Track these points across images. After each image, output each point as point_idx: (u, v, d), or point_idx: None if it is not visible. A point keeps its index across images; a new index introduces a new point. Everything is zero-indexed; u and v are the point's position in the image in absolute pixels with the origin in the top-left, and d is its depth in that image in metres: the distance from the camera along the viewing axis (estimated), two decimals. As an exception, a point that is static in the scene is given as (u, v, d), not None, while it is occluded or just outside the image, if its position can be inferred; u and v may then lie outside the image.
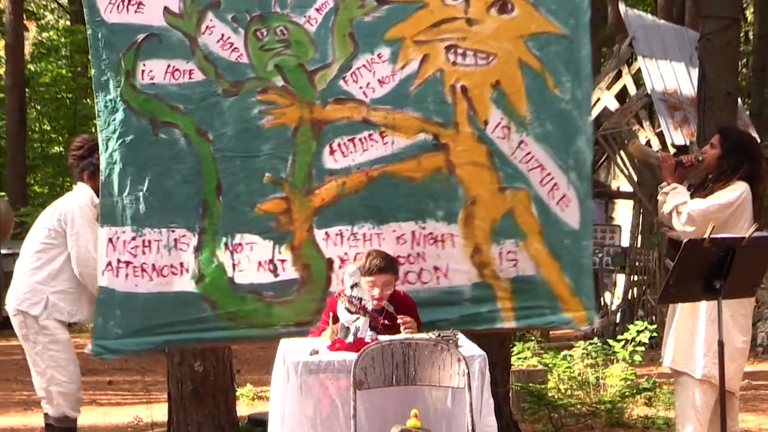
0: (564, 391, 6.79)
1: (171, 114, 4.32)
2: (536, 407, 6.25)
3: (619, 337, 7.41)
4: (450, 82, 4.46)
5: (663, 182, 4.65)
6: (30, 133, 19.66)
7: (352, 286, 3.90)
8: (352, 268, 3.98)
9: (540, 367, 7.16)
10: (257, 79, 4.37)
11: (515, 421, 5.80)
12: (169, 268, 4.36)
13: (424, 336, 3.85)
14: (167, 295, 4.37)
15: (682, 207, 4.46)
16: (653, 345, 8.10)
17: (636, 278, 11.36)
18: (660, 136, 11.34)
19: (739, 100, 9.63)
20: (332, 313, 4.03)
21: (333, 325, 3.99)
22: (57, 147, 21.08)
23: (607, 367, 6.94)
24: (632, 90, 12.09)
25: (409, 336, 3.91)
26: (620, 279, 11.86)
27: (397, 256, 4.40)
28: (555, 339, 10.80)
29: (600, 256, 11.75)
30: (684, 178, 4.66)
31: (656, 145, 10.93)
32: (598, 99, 12.03)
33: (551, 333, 11.01)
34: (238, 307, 4.40)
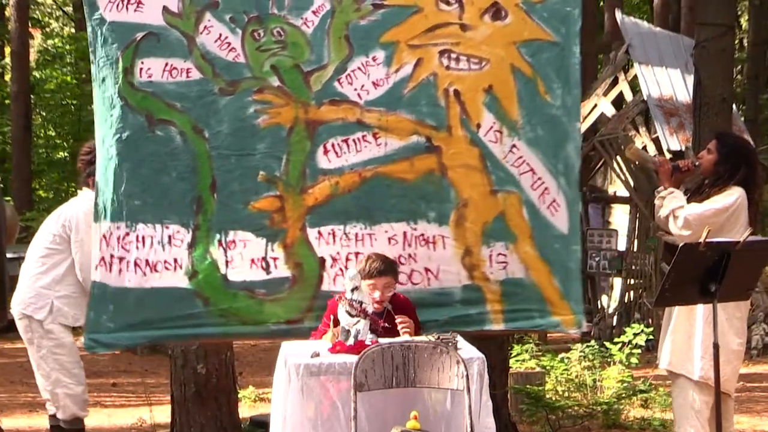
0: (561, 393, 6.84)
1: (168, 111, 4.37)
2: (534, 409, 6.32)
3: (616, 339, 7.49)
4: (443, 85, 4.51)
5: (660, 187, 4.68)
6: (35, 139, 19.82)
7: (352, 290, 3.94)
8: (352, 271, 4.02)
9: (538, 369, 7.22)
10: (253, 79, 4.42)
11: (513, 422, 5.86)
12: (163, 263, 4.39)
13: (423, 339, 3.90)
14: (160, 291, 4.40)
15: (678, 211, 4.49)
16: (649, 347, 8.15)
17: (632, 282, 11.43)
18: (656, 141, 11.42)
19: (734, 106, 9.70)
20: (333, 316, 4.07)
21: (334, 328, 4.04)
22: (62, 152, 21.26)
23: (603, 370, 6.99)
24: (629, 96, 12.19)
25: (409, 339, 3.95)
26: (617, 282, 11.92)
27: None
28: (552, 342, 10.87)
29: (597, 259, 11.81)
30: (681, 182, 4.70)
31: (652, 150, 10.99)
32: (595, 105, 12.11)
33: (549, 336, 11.08)
34: (230, 303, 4.43)
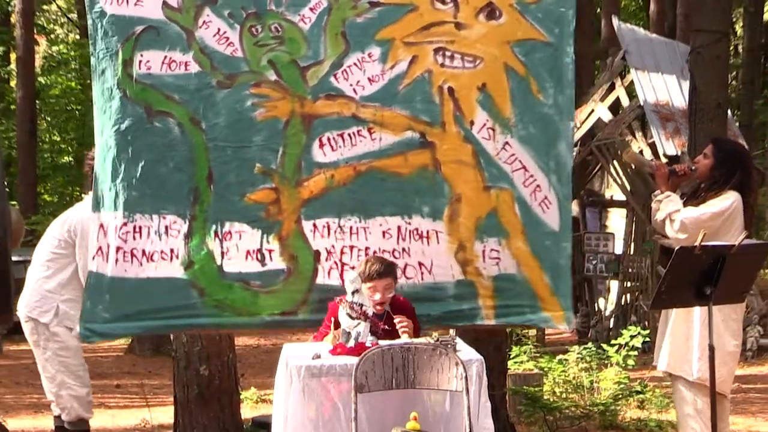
0: (559, 394, 6.87)
1: (166, 103, 4.43)
2: (532, 410, 6.37)
3: (613, 341, 7.50)
4: (438, 83, 4.58)
5: (657, 190, 4.72)
6: (40, 144, 20.05)
7: (353, 293, 3.99)
8: (352, 275, 4.06)
9: (536, 370, 7.28)
10: (251, 73, 4.48)
11: (512, 423, 5.89)
12: (159, 253, 4.42)
13: (423, 341, 3.95)
14: (156, 281, 4.42)
15: (675, 215, 4.53)
16: (646, 349, 8.19)
17: (629, 284, 11.50)
18: (652, 146, 11.50)
19: (728, 111, 9.77)
20: (334, 319, 4.12)
21: (335, 330, 4.09)
22: (66, 157, 21.53)
23: (600, 371, 7.04)
24: (625, 102, 12.28)
25: (409, 341, 3.99)
26: (614, 285, 12.03)
27: (382, 251, 4.50)
28: (550, 343, 10.96)
29: (594, 263, 11.96)
30: (677, 186, 4.73)
31: (648, 155, 11.06)
32: (592, 111, 12.22)
33: (546, 338, 11.21)
34: (225, 294, 4.46)
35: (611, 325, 11.36)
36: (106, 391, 8.38)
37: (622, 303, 11.52)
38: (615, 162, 11.56)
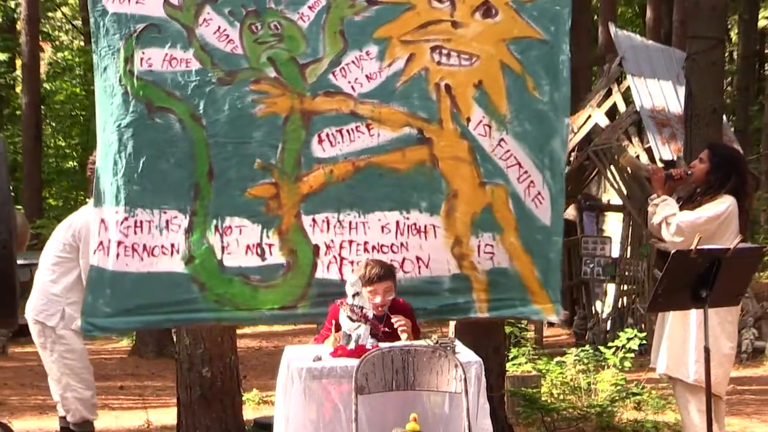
0: (557, 395, 6.91)
1: (167, 100, 4.48)
2: (530, 411, 6.40)
3: (610, 344, 7.54)
4: (434, 80, 4.63)
5: (653, 194, 4.77)
6: (45, 149, 20.27)
7: (353, 295, 4.04)
8: (353, 278, 4.11)
9: (534, 372, 7.33)
10: (251, 70, 4.54)
11: (510, 424, 5.92)
12: (160, 248, 4.46)
13: (422, 343, 4.00)
14: (157, 275, 4.46)
15: (671, 218, 4.58)
16: (642, 351, 8.24)
17: (626, 288, 11.59)
18: (648, 151, 11.60)
19: (724, 117, 9.86)
20: (335, 321, 4.17)
21: (335, 332, 4.14)
22: (71, 162, 21.79)
23: (598, 373, 7.08)
24: (622, 107, 12.39)
25: (408, 343, 4.05)
26: (611, 288, 12.09)
27: (381, 245, 4.55)
28: (548, 346, 11.04)
29: (591, 266, 12.06)
30: (673, 190, 4.78)
31: (645, 160, 11.16)
32: (589, 116, 12.32)
33: (545, 340, 11.31)
34: (225, 289, 4.50)
35: (608, 328, 11.43)
36: (110, 392, 8.43)
37: (619, 306, 11.60)
38: (612, 166, 11.65)
